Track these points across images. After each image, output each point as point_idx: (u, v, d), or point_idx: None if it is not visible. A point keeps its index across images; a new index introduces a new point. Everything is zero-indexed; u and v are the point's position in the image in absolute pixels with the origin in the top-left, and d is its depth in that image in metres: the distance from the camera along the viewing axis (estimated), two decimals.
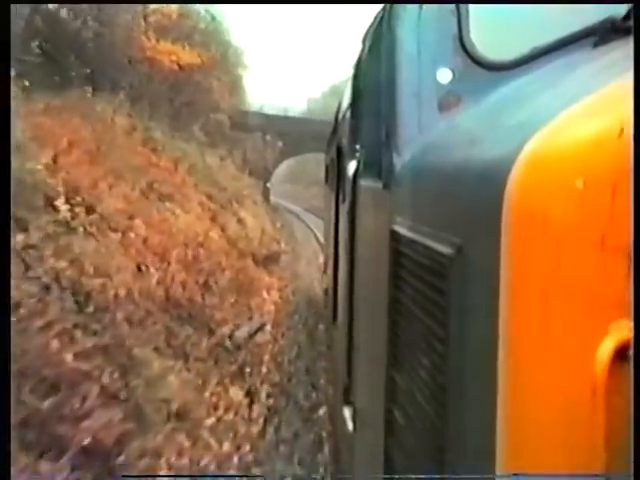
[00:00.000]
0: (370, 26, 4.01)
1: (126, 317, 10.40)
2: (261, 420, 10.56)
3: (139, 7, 30.89)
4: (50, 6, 25.87)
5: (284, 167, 73.26)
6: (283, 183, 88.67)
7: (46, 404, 6.66)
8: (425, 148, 2.64)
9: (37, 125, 14.87)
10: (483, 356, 1.59)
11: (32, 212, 10.29)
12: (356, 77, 4.91)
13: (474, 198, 1.78)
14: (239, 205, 30.23)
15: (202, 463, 8.33)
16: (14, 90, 13.07)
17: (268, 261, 23.66)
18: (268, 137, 49.82)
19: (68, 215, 11.62)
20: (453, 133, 2.53)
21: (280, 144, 49.96)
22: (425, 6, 2.93)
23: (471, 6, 2.84)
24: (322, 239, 17.95)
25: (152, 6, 31.81)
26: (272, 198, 58.15)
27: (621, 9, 2.26)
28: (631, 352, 1.16)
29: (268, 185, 50.54)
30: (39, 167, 11.90)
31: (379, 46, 3.47)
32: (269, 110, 55.64)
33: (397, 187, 2.87)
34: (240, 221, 26.22)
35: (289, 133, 49.44)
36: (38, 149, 13.18)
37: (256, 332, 15.44)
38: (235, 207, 28.57)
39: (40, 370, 6.92)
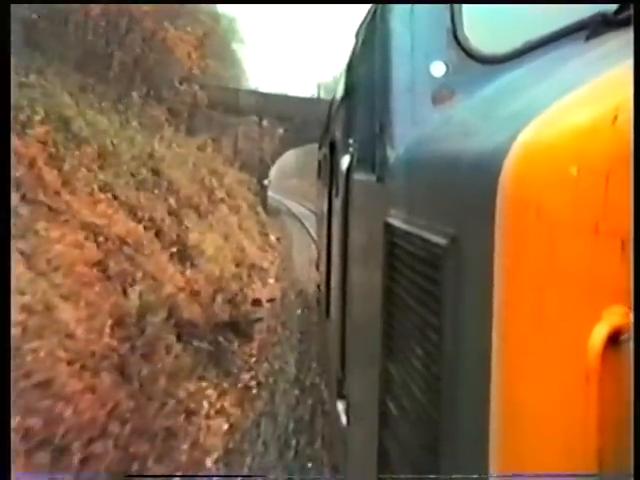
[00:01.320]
0: (363, 20, 4.02)
1: None
2: None
3: None
4: None
5: (291, 159, 64.46)
6: (288, 178, 77.81)
7: None
8: (419, 141, 2.65)
9: None
10: (478, 346, 1.60)
11: None
12: (349, 71, 4.92)
13: (468, 188, 1.79)
14: (201, 218, 18.71)
15: None
16: None
17: (232, 335, 12.16)
18: (265, 122, 40.09)
19: None
20: (447, 126, 2.54)
21: (280, 131, 40.18)
22: None
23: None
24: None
25: None
26: (273, 197, 48.97)
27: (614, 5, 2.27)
28: (624, 337, 1.17)
29: (265, 182, 40.34)
30: None
31: (372, 40, 3.47)
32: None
33: (391, 180, 2.88)
34: (185, 253, 14.17)
35: (292, 117, 39.02)
36: None
37: None
38: (186, 226, 16.15)
39: None
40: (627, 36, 1.74)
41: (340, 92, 6.15)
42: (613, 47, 1.86)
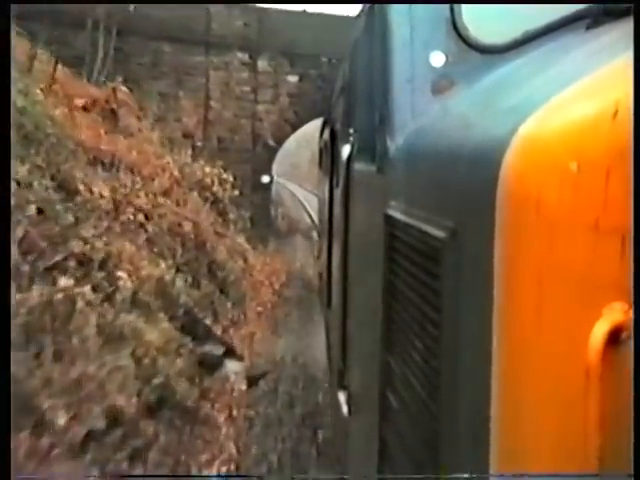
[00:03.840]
0: (362, 10, 4.00)
1: None
2: None
3: None
4: None
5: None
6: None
7: None
8: (419, 132, 2.64)
9: None
10: (477, 340, 1.60)
11: None
12: (349, 60, 4.90)
13: (468, 182, 1.78)
14: None
15: None
16: None
17: None
18: (263, 63, 22.20)
19: None
20: (447, 117, 2.53)
21: (293, 80, 22.44)
22: None
23: None
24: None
25: None
26: (294, 194, 34.62)
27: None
28: (625, 334, 1.16)
29: (265, 180, 22.74)
30: None
31: (372, 29, 3.46)
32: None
33: (391, 171, 2.87)
34: None
35: (314, 53, 22.03)
36: None
37: None
38: None
39: None
40: (627, 26, 1.73)
41: (340, 81, 6.14)
42: (613, 38, 1.84)
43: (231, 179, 19.48)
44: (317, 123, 19.18)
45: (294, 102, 22.82)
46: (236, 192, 19.60)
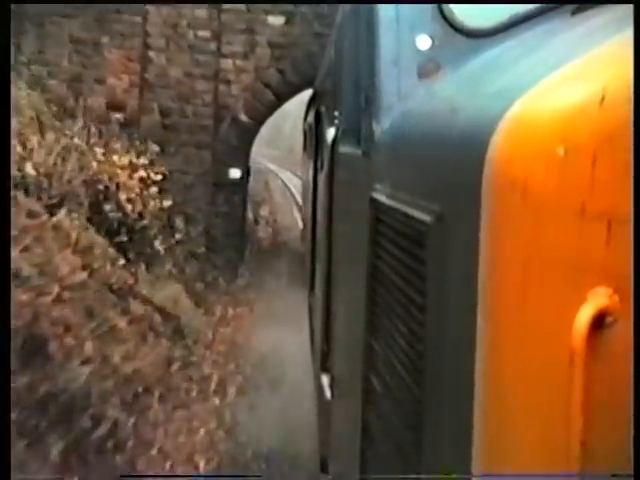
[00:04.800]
0: None
1: None
2: None
3: None
4: None
5: None
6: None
7: None
8: (405, 115, 2.63)
9: None
10: (462, 324, 1.60)
11: None
12: (335, 43, 4.88)
13: (454, 165, 1.78)
14: None
15: None
16: None
17: None
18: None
19: None
20: (433, 100, 2.52)
21: (276, 21, 14.92)
22: None
23: None
24: None
25: None
26: (281, 189, 31.58)
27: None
28: (609, 319, 1.16)
29: (235, 174, 15.35)
30: None
31: (358, 12, 3.44)
32: None
33: (376, 154, 2.87)
34: None
35: None
36: None
37: None
38: None
39: None
40: (612, 12, 1.73)
41: (326, 63, 6.11)
42: (599, 23, 1.84)
43: (159, 177, 12.32)
44: None
45: (278, 55, 15.14)
46: (167, 202, 12.61)
